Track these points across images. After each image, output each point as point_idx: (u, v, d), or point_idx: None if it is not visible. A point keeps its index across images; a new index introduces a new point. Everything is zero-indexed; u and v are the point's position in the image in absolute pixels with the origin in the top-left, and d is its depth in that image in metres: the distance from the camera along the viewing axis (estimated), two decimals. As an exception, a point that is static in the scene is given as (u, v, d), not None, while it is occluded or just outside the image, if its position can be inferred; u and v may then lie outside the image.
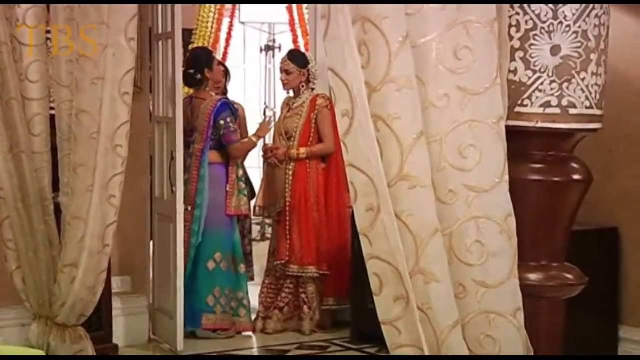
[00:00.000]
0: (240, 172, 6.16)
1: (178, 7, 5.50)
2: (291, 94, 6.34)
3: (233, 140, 6.08)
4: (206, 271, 6.07)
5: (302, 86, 6.20)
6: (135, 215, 5.84)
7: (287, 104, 6.36)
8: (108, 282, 4.93)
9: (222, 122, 6.06)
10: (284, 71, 6.22)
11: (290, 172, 6.15)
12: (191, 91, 6.42)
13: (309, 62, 6.20)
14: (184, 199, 5.91)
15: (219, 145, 6.09)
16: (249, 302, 6.19)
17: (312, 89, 6.21)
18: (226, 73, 6.64)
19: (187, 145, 5.98)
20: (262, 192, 6.39)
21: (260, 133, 6.35)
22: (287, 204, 6.14)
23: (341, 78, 2.58)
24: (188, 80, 6.19)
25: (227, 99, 6.27)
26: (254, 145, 6.28)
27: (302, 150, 6.14)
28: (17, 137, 4.50)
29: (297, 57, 6.27)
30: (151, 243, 6.10)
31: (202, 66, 6.20)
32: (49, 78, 4.49)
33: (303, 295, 6.14)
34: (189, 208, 5.95)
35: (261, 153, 6.43)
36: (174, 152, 5.65)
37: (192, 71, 6.17)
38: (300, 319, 6.16)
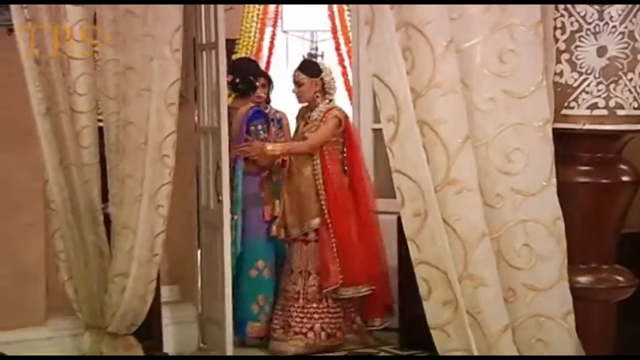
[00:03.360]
0: (274, 178, 6.19)
1: (221, 17, 5.54)
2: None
3: None
4: (249, 279, 6.08)
5: (317, 97, 5.88)
6: (182, 224, 5.88)
7: (303, 117, 6.05)
8: (157, 291, 4.97)
9: (252, 127, 6.12)
10: (295, 83, 5.96)
11: (321, 186, 5.84)
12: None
13: (322, 70, 5.92)
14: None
15: None
16: None
17: (330, 100, 5.91)
18: (269, 82, 6.67)
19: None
20: (283, 211, 5.97)
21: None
22: (327, 221, 5.83)
23: (386, 84, 2.59)
24: (246, 89, 6.28)
25: (259, 106, 6.30)
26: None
27: (277, 146, 5.89)
28: (67, 150, 4.57)
29: (307, 67, 6.03)
30: (198, 252, 6.14)
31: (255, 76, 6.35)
32: (97, 90, 4.55)
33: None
34: (235, 217, 5.98)
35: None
36: (219, 162, 5.68)
37: (251, 78, 6.28)
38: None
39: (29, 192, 5.21)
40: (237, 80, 6.23)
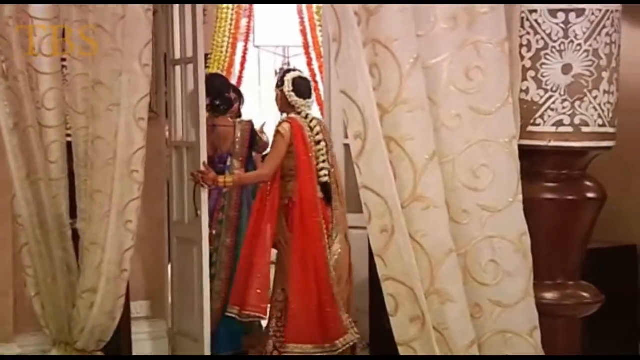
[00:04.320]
0: None
1: (200, 32, 5.52)
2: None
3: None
4: None
5: (277, 105, 5.76)
6: (152, 239, 5.87)
7: None
8: (127, 307, 4.95)
9: (258, 139, 6.30)
10: None
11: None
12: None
13: (283, 82, 5.65)
14: (226, 226, 6.01)
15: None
16: None
17: (298, 112, 5.60)
18: (239, 97, 6.71)
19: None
20: None
21: None
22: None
23: (353, 100, 2.59)
24: (227, 107, 6.32)
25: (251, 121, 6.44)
26: None
27: (229, 178, 5.73)
28: (35, 165, 4.54)
29: (278, 77, 5.84)
30: (169, 267, 6.12)
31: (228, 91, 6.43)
32: (65, 105, 4.53)
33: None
34: (214, 232, 5.99)
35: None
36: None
37: (227, 94, 6.34)
38: None
39: (-4, 207, 5.18)
40: (218, 102, 6.25)
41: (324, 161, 5.59)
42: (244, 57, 9.93)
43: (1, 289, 5.31)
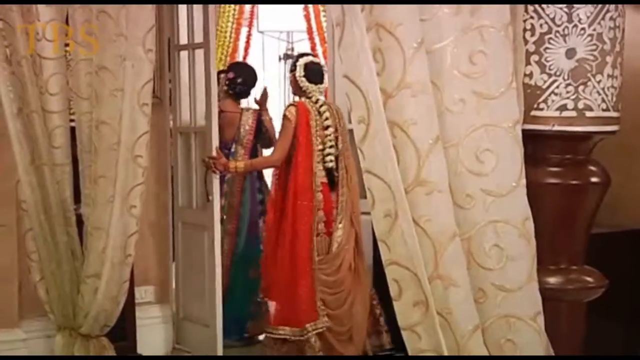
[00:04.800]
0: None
1: (212, 17, 5.50)
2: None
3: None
4: (249, 279, 6.06)
5: (291, 89, 5.82)
6: (156, 225, 5.87)
7: None
8: (131, 292, 4.96)
9: (265, 130, 6.27)
10: None
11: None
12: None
13: (294, 67, 5.65)
14: (228, 212, 6.04)
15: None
16: None
17: (309, 97, 5.58)
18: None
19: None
20: None
21: None
22: None
23: (356, 85, 2.59)
24: (242, 92, 6.32)
25: (258, 111, 6.42)
26: None
27: (240, 163, 5.72)
28: (39, 150, 4.55)
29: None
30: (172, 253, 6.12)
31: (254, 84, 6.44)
32: (69, 90, 4.53)
33: None
34: (225, 217, 6.00)
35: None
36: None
37: (248, 87, 6.38)
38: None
39: (0, 193, 5.18)
40: (239, 80, 6.26)
41: (331, 147, 5.55)
42: (247, 43, 9.91)
43: (6, 274, 5.32)
